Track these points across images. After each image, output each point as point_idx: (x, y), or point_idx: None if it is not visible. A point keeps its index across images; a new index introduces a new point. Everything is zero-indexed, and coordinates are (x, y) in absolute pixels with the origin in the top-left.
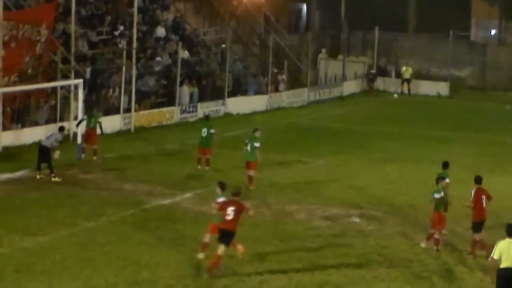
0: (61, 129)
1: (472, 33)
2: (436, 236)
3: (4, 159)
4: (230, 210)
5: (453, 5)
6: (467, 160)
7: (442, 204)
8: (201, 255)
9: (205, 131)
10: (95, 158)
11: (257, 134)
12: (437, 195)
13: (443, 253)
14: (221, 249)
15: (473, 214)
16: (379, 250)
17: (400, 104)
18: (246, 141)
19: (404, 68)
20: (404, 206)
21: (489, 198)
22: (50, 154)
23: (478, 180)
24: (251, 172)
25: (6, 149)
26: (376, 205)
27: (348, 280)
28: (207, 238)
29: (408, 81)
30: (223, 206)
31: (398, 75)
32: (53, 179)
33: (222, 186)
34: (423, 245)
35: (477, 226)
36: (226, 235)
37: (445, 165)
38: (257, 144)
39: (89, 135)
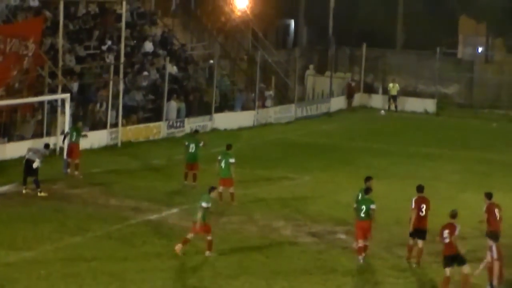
0: (47, 146)
1: (459, 50)
2: (364, 244)
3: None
4: (446, 233)
5: (440, 22)
6: (454, 177)
7: None
8: (178, 247)
9: (193, 147)
10: (76, 173)
11: (230, 150)
12: (373, 206)
13: (429, 269)
14: (466, 268)
15: (413, 221)
16: (365, 266)
17: (387, 120)
18: (219, 158)
19: (391, 85)
20: (390, 223)
21: (428, 208)
22: (37, 169)
23: (420, 189)
24: (230, 189)
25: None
26: None
27: None
28: (190, 235)
29: (394, 97)
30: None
31: (386, 91)
32: (39, 194)
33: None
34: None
35: (416, 233)
36: (455, 259)
37: (368, 179)
38: (232, 160)
39: (72, 150)
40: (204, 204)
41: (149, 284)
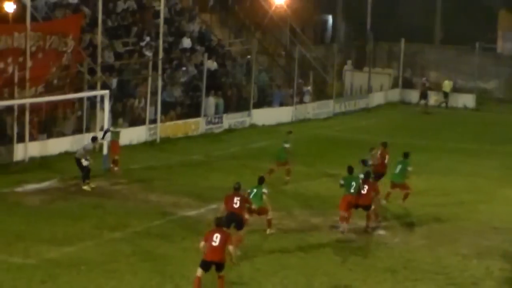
0: (93, 139)
1: (499, 45)
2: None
3: (31, 170)
4: None
5: (479, 17)
6: (493, 173)
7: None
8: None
9: (284, 145)
10: (116, 168)
11: (408, 157)
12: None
13: (470, 265)
14: None
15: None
16: (405, 263)
17: (426, 116)
18: (398, 162)
19: (446, 82)
20: (430, 219)
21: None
22: (84, 165)
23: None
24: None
25: (33, 159)
26: (402, 217)
27: None
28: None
29: (447, 94)
30: None
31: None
32: (83, 187)
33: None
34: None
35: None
36: None
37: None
38: (410, 168)
39: (112, 146)
40: (265, 191)
41: (189, 280)
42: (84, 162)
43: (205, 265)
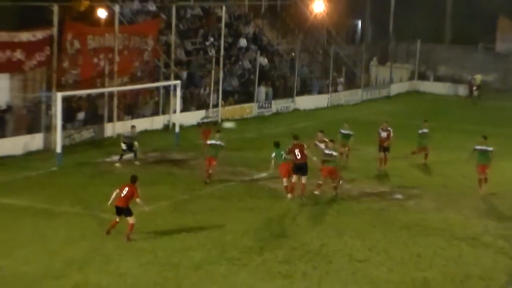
0: (132, 127)
1: (498, 45)
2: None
3: (118, 144)
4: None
5: (482, 22)
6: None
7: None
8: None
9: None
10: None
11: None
12: (335, 153)
13: (471, 223)
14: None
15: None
16: (418, 221)
17: (437, 102)
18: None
19: (477, 76)
20: (439, 185)
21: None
22: (131, 147)
23: (295, 137)
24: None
25: (119, 135)
26: (416, 185)
27: (392, 245)
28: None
29: (479, 87)
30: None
31: (436, 79)
32: (116, 164)
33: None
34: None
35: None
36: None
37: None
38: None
39: (206, 133)
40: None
41: (243, 233)
42: (122, 146)
43: (116, 210)
